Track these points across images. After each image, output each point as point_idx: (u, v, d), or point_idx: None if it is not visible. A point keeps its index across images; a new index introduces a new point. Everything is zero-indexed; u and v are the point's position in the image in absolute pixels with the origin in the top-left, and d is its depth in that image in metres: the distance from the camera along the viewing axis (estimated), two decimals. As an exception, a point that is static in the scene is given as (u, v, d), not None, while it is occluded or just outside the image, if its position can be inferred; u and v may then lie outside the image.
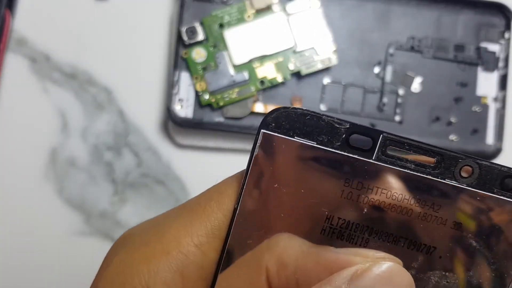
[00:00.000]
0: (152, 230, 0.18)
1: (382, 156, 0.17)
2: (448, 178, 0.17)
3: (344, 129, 0.17)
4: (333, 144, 0.17)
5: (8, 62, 0.40)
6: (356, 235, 0.17)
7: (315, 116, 0.17)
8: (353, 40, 0.40)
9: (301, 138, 0.17)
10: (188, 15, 0.39)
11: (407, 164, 0.17)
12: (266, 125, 0.17)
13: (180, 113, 0.38)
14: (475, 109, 0.40)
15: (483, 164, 0.17)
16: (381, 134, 0.17)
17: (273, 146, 0.17)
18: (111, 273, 0.17)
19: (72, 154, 0.40)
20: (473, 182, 0.17)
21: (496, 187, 0.17)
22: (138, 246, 0.17)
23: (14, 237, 0.39)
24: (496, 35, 0.41)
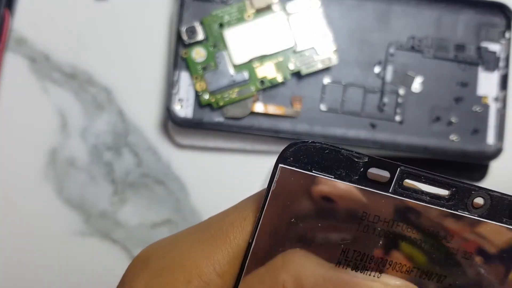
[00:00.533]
0: (173, 251, 0.17)
1: (399, 189, 0.17)
2: (461, 210, 0.17)
3: (362, 163, 0.17)
4: (351, 178, 0.17)
5: (7, 62, 0.40)
6: (371, 266, 0.17)
7: (334, 150, 0.17)
8: (353, 40, 0.40)
9: (319, 173, 0.17)
10: (188, 14, 0.39)
11: (422, 196, 0.17)
12: (284, 159, 0.17)
13: (180, 113, 0.38)
14: (475, 109, 0.40)
15: (495, 195, 0.17)
16: (398, 167, 0.17)
17: (291, 181, 0.17)
18: None
19: (72, 154, 0.40)
20: (484, 212, 0.17)
21: (506, 217, 0.17)
22: (159, 271, 0.17)
23: (14, 237, 0.39)
24: (496, 34, 0.41)
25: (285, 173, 0.17)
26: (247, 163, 0.40)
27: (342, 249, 0.17)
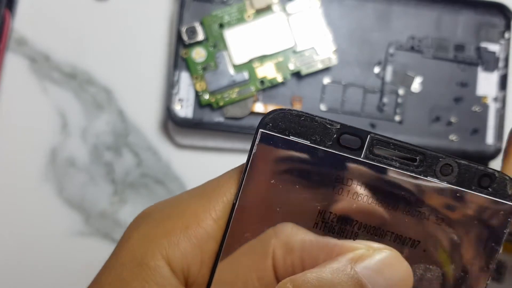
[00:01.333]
0: (172, 207, 0.18)
1: (370, 155, 0.18)
2: (430, 176, 0.18)
3: (335, 130, 0.18)
4: (325, 143, 0.18)
5: (8, 62, 0.40)
6: (346, 229, 0.18)
7: (309, 117, 0.18)
8: (353, 40, 0.40)
9: (296, 138, 0.18)
10: (188, 15, 0.39)
11: (392, 162, 0.18)
12: (264, 125, 0.18)
13: (180, 113, 0.38)
14: (475, 109, 0.40)
15: (462, 163, 0.18)
16: (368, 134, 0.18)
17: (270, 144, 0.18)
18: (133, 245, 0.18)
19: (72, 154, 0.40)
20: (452, 180, 0.18)
21: (474, 185, 0.18)
22: (159, 221, 0.18)
23: (14, 237, 0.39)
24: (496, 35, 0.41)
25: (265, 137, 0.18)
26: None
27: (318, 211, 0.18)
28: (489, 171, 0.18)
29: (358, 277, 0.16)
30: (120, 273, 0.17)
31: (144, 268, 0.17)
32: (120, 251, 0.18)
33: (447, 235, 0.19)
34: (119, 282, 0.17)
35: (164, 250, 0.17)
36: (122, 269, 0.17)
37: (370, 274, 0.17)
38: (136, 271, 0.17)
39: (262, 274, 0.18)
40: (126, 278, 0.17)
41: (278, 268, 0.18)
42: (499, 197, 0.18)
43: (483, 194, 0.18)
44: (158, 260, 0.17)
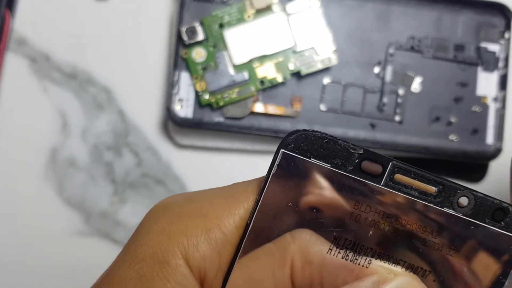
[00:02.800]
0: (193, 203, 0.18)
1: (390, 182, 0.18)
2: (446, 207, 0.18)
3: (357, 155, 0.18)
4: (346, 168, 0.18)
5: (8, 62, 0.40)
6: (360, 256, 0.18)
7: (332, 140, 0.18)
8: (353, 40, 0.40)
9: (317, 160, 0.18)
10: (188, 15, 0.39)
11: (411, 191, 0.18)
12: (286, 145, 0.18)
13: (180, 113, 0.38)
14: (475, 109, 0.40)
15: (479, 196, 0.18)
16: (390, 162, 0.18)
17: (290, 166, 0.18)
18: (152, 241, 0.17)
19: (72, 154, 0.40)
20: (468, 212, 0.18)
21: (488, 218, 0.18)
22: (179, 217, 0.18)
23: (14, 237, 0.39)
24: (496, 35, 0.41)
25: (286, 158, 0.18)
26: (247, 163, 0.40)
27: (334, 236, 0.18)
28: (504, 205, 0.18)
29: None
30: (140, 269, 0.17)
31: (165, 267, 0.17)
32: (140, 244, 0.17)
33: (458, 266, 0.19)
34: (140, 279, 0.17)
35: (184, 249, 0.17)
36: (142, 265, 0.17)
37: None
38: (157, 269, 0.17)
39: (280, 282, 0.18)
40: (147, 276, 0.17)
41: (297, 279, 0.18)
42: (511, 231, 0.18)
43: (495, 227, 0.18)
44: (178, 258, 0.17)
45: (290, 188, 0.18)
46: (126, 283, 0.17)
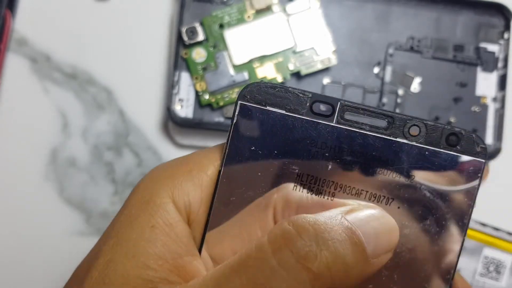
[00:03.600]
0: (177, 159, 0.21)
1: (342, 120, 0.20)
2: (399, 137, 0.20)
3: (307, 98, 0.20)
4: (299, 112, 0.20)
5: (8, 62, 0.40)
6: (324, 189, 0.20)
7: (283, 88, 0.20)
8: (352, 40, 0.40)
9: (272, 107, 0.20)
10: (188, 15, 0.39)
11: (362, 126, 0.20)
12: (242, 97, 0.20)
13: (180, 113, 0.38)
14: (474, 109, 0.40)
15: (429, 124, 0.20)
16: (338, 101, 0.20)
17: (248, 115, 0.20)
18: (141, 188, 0.20)
19: (73, 154, 0.40)
20: (421, 139, 0.20)
21: (443, 144, 0.19)
22: (165, 168, 0.20)
23: (15, 237, 0.39)
24: (495, 35, 0.41)
25: (244, 108, 0.20)
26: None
27: (297, 174, 0.20)
28: (456, 130, 0.19)
29: (347, 222, 0.18)
30: (129, 211, 0.19)
31: (151, 205, 0.19)
32: (131, 195, 0.20)
33: (420, 192, 0.20)
34: (128, 218, 0.19)
35: (169, 189, 0.19)
36: (131, 208, 0.19)
37: (359, 223, 0.18)
38: (144, 208, 0.19)
39: (264, 224, 0.20)
40: (134, 215, 0.19)
41: (278, 219, 0.20)
42: (468, 154, 0.19)
43: (452, 152, 0.19)
44: (163, 198, 0.19)
45: (251, 134, 0.20)
46: (117, 226, 0.19)
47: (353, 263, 0.17)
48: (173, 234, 0.19)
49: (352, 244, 0.17)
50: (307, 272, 0.16)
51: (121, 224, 0.19)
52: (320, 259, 0.16)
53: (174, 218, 0.19)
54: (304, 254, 0.16)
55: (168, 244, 0.18)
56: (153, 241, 0.18)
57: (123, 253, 0.18)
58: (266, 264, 0.16)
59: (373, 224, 0.18)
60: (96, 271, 0.18)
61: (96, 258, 0.19)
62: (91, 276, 0.19)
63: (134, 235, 0.18)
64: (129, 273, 0.18)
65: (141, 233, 0.18)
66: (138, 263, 0.18)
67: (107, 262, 0.18)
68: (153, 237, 0.18)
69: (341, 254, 0.17)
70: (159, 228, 0.18)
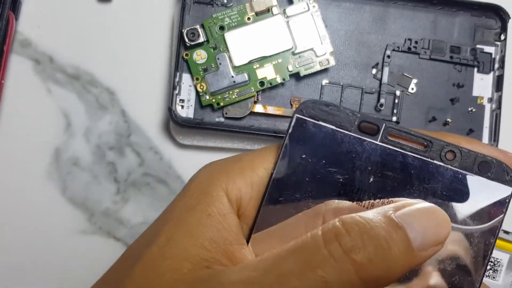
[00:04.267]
0: (231, 157, 0.23)
1: (385, 140, 0.22)
2: (436, 160, 0.22)
3: (356, 118, 0.22)
4: (348, 128, 0.22)
5: (12, 64, 0.40)
6: (364, 199, 0.22)
7: (335, 107, 0.22)
8: (351, 42, 0.40)
9: (324, 123, 0.22)
10: (189, 17, 0.39)
11: (404, 146, 0.22)
12: (299, 111, 0.22)
13: (181, 114, 0.39)
14: (471, 109, 0.41)
15: (464, 150, 0.22)
16: (384, 123, 0.22)
17: (302, 127, 0.22)
18: (199, 181, 0.22)
19: (75, 154, 0.40)
20: (455, 164, 0.22)
21: (475, 169, 0.22)
22: (220, 165, 0.23)
23: (18, 236, 0.39)
24: (492, 36, 0.41)
25: (299, 121, 0.22)
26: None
27: (341, 182, 0.22)
28: (488, 159, 0.22)
29: (393, 218, 0.19)
30: (188, 200, 0.22)
31: (207, 196, 0.21)
32: (188, 186, 0.22)
33: (451, 211, 0.21)
34: (186, 207, 0.21)
35: (224, 184, 0.21)
36: (190, 198, 0.22)
37: (407, 218, 0.19)
38: (201, 198, 0.21)
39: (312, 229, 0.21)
40: (192, 203, 0.21)
41: None
42: (498, 181, 0.21)
43: (483, 177, 0.21)
44: (219, 191, 0.21)
45: (304, 143, 0.22)
46: (177, 210, 0.21)
47: (396, 256, 0.19)
48: (226, 223, 0.21)
49: (397, 238, 0.19)
50: (352, 263, 0.18)
51: (180, 210, 0.21)
52: (363, 252, 0.18)
53: (227, 210, 0.21)
54: (350, 247, 0.18)
55: (221, 231, 0.21)
56: (209, 226, 0.21)
57: (183, 233, 0.21)
58: (319, 251, 0.18)
59: (422, 217, 0.20)
60: (157, 247, 0.20)
61: (156, 236, 0.21)
62: (150, 251, 0.20)
63: (193, 220, 0.21)
64: (188, 251, 0.20)
65: (200, 218, 0.21)
66: (197, 243, 0.20)
67: (168, 239, 0.20)
68: (209, 224, 0.21)
69: (383, 248, 0.18)
70: (214, 216, 0.21)
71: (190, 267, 0.20)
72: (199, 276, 0.19)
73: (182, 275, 0.19)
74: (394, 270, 0.19)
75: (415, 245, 0.19)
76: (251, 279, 0.18)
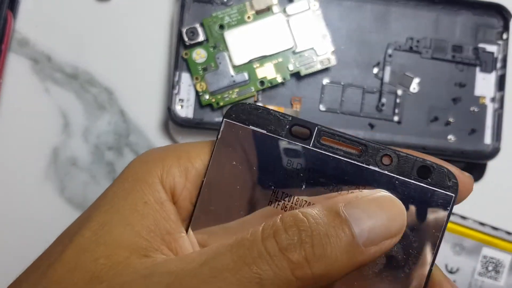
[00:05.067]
0: (168, 146, 0.22)
1: (318, 144, 0.21)
2: (371, 165, 0.20)
3: (287, 121, 0.21)
4: (279, 133, 0.21)
5: (10, 63, 0.40)
6: (296, 207, 0.21)
7: (265, 110, 0.21)
8: (352, 41, 0.40)
9: (254, 127, 0.21)
10: (189, 16, 0.39)
11: (337, 151, 0.21)
12: (228, 116, 0.21)
13: (180, 113, 0.38)
14: (473, 109, 0.41)
15: (401, 155, 0.20)
16: (316, 126, 0.21)
17: (232, 132, 0.21)
18: (134, 166, 0.21)
19: (74, 154, 0.40)
20: (392, 169, 0.20)
21: (414, 175, 0.20)
22: (156, 151, 0.22)
23: (15, 237, 0.39)
24: (494, 35, 0.41)
25: (228, 126, 0.21)
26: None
27: (272, 190, 0.21)
28: (428, 163, 0.20)
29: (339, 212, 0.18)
30: (122, 185, 0.21)
31: (143, 183, 0.20)
32: (123, 172, 0.21)
33: None
34: (121, 191, 0.20)
35: (159, 171, 0.21)
36: (124, 182, 0.21)
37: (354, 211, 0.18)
38: (136, 185, 0.20)
39: None
40: (127, 189, 0.20)
41: None
42: (438, 187, 0.20)
43: (423, 184, 0.20)
44: (154, 177, 0.21)
45: (233, 151, 0.21)
46: (110, 196, 0.20)
47: (336, 254, 0.18)
48: (163, 211, 0.20)
49: (338, 234, 0.18)
50: (287, 261, 0.18)
51: (114, 195, 0.20)
52: (299, 251, 0.18)
53: (163, 197, 0.20)
54: (285, 245, 0.18)
55: (159, 220, 0.20)
56: (146, 215, 0.20)
57: (117, 219, 0.20)
58: (255, 247, 0.18)
59: (371, 209, 0.19)
60: (89, 231, 0.20)
61: (87, 221, 0.20)
62: (82, 235, 0.20)
63: (128, 207, 0.20)
64: (123, 238, 0.19)
65: (135, 206, 0.20)
66: (133, 231, 0.19)
67: (101, 224, 0.20)
68: (146, 212, 0.20)
69: (321, 246, 0.18)
70: (150, 204, 0.20)
71: (127, 255, 0.19)
72: (137, 265, 0.19)
73: (118, 262, 0.19)
74: (335, 269, 0.18)
75: (361, 241, 0.18)
76: (186, 272, 0.18)
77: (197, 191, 0.21)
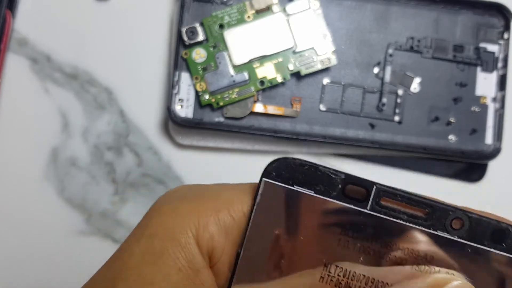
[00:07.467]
0: (204, 189, 0.19)
1: (376, 206, 0.18)
2: (439, 230, 0.17)
3: (339, 180, 0.18)
4: (330, 194, 0.18)
5: (9, 63, 0.40)
6: (354, 284, 0.17)
7: (313, 166, 0.18)
8: (352, 40, 0.40)
9: (300, 187, 0.18)
10: (189, 15, 0.39)
11: (400, 215, 0.18)
12: (267, 174, 0.18)
13: (180, 113, 0.38)
14: (474, 109, 0.40)
15: (473, 217, 0.17)
16: (374, 185, 0.18)
17: (273, 194, 0.18)
18: (164, 218, 0.18)
19: (73, 154, 0.40)
20: (463, 234, 0.17)
21: (487, 240, 0.17)
22: (190, 199, 0.18)
23: (15, 237, 0.39)
24: (495, 35, 0.41)
25: (268, 187, 0.18)
26: (247, 163, 0.40)
27: (324, 264, 0.17)
28: (503, 226, 0.17)
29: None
30: (151, 243, 0.17)
31: (175, 244, 0.17)
32: (151, 222, 0.18)
33: None
34: (150, 253, 0.17)
35: (194, 228, 0.17)
36: (153, 240, 0.17)
37: None
38: (168, 246, 0.17)
39: None
40: (157, 251, 0.17)
41: None
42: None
43: (496, 250, 0.17)
44: (189, 237, 0.17)
45: (275, 217, 0.18)
46: (135, 257, 0.17)
47: None
48: (198, 281, 0.17)
49: None
50: None
51: (143, 258, 0.17)
52: None
53: (199, 264, 0.17)
54: None
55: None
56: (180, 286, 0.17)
57: None
58: None
59: None
60: None
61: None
62: None
63: (159, 277, 0.17)
64: None
65: (167, 276, 0.17)
66: None
67: None
68: (180, 283, 0.17)
69: None
70: (184, 272, 0.17)
71: None
72: None
73: None
74: None
75: None
76: None
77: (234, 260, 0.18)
